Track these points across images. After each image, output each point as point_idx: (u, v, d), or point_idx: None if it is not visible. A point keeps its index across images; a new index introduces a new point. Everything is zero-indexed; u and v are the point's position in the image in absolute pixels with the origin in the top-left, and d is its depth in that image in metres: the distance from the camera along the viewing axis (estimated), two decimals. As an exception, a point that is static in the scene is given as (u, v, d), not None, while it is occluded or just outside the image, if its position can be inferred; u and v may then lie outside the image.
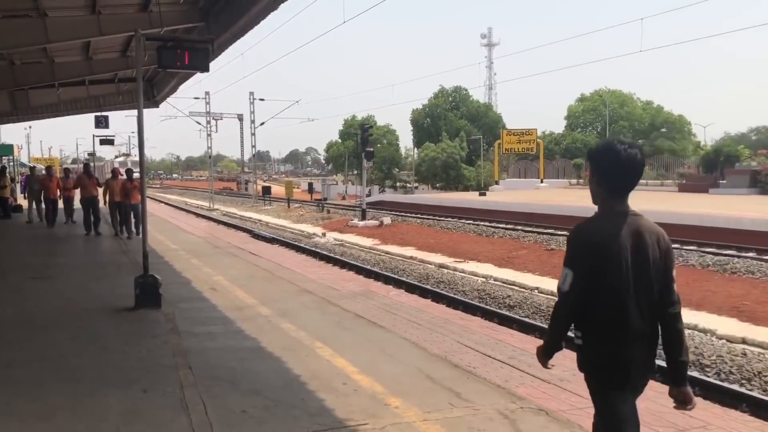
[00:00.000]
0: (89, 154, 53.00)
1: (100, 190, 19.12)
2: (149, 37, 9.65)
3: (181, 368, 6.11)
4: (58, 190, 21.32)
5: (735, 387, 7.64)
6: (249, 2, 14.99)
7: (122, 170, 20.77)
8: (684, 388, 3.04)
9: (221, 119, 54.02)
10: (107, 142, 38.45)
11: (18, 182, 34.87)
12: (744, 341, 9.62)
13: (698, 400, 6.17)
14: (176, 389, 5.52)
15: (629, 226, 2.94)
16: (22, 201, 28.69)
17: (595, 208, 3.00)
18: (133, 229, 17.77)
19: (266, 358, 6.50)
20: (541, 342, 3.33)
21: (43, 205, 21.87)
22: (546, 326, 10.25)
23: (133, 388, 5.56)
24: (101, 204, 19.10)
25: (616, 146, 2.98)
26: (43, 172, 26.61)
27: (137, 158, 51.88)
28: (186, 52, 8.95)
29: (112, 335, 7.49)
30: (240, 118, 54.40)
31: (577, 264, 2.90)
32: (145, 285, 8.83)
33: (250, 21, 15.95)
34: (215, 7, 17.11)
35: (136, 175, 17.94)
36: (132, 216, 17.69)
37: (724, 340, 9.72)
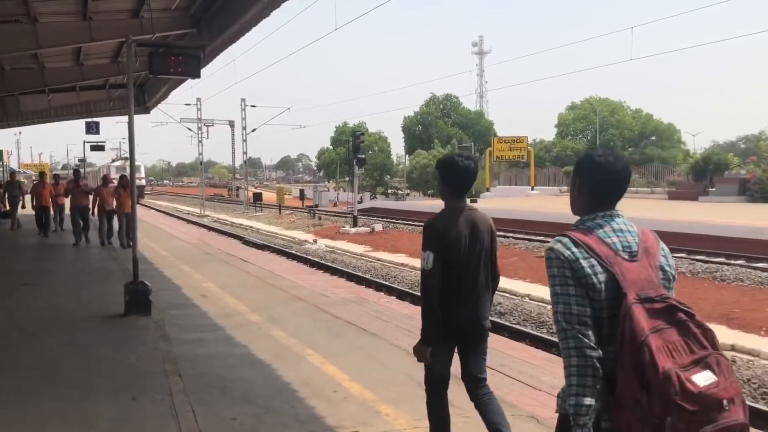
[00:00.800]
0: (80, 160, 52.84)
1: (91, 198, 18.07)
2: (140, 44, 9.66)
3: (171, 375, 6.08)
4: (50, 198, 20.67)
5: (724, 394, 7.67)
6: (240, 9, 15.00)
7: (113, 176, 20.76)
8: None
9: (213, 126, 53.95)
10: (98, 148, 38.38)
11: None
12: (734, 348, 9.66)
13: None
14: (166, 396, 5.50)
15: (465, 218, 3.84)
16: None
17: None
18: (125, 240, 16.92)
19: (256, 366, 6.48)
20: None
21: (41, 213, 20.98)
22: (537, 333, 10.30)
23: (123, 396, 5.53)
24: (92, 214, 18.05)
25: (454, 158, 3.91)
26: (34, 179, 26.47)
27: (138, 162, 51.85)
28: (177, 59, 8.95)
29: (101, 342, 7.45)
30: (231, 124, 54.32)
31: (434, 247, 3.72)
32: (135, 292, 8.80)
33: (241, 28, 15.95)
34: (207, 14, 17.11)
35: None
36: (125, 225, 16.78)
37: (714, 348, 9.76)
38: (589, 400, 2.22)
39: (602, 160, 2.45)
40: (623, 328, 2.18)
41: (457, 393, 4.15)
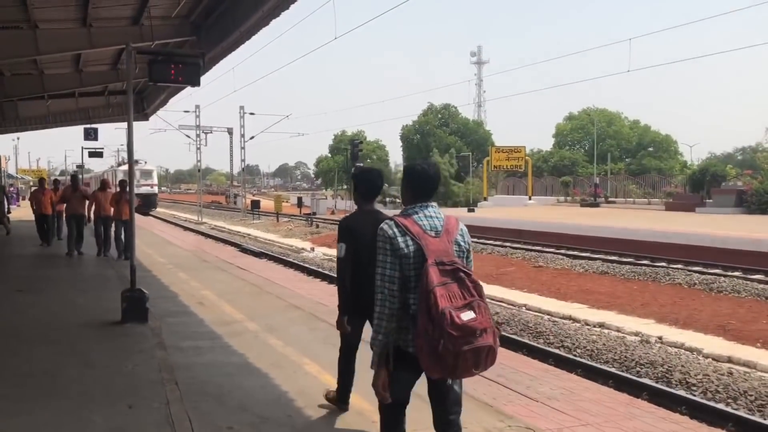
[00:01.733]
0: (78, 166, 52.76)
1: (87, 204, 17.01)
2: (140, 51, 9.69)
3: (167, 384, 6.06)
4: (50, 205, 19.48)
5: (721, 406, 7.66)
6: (240, 17, 15.05)
7: (108, 181, 19.26)
8: None
9: (211, 133, 54.04)
10: (96, 154, 38.35)
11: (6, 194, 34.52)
12: (730, 360, 9.66)
13: (685, 419, 6.20)
14: (162, 405, 5.48)
15: (371, 217, 4.79)
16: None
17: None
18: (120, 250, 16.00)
19: (253, 374, 6.47)
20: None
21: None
22: (534, 343, 10.29)
23: (119, 404, 5.51)
24: (88, 220, 16.96)
25: (368, 168, 4.81)
26: (32, 184, 26.18)
27: (144, 167, 50.71)
28: (177, 67, 8.98)
29: (97, 350, 7.43)
30: (230, 131, 54.37)
31: (345, 240, 4.80)
32: (132, 299, 8.78)
33: (241, 36, 16.00)
34: (207, 22, 17.15)
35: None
36: (123, 234, 15.78)
37: (711, 359, 9.76)
38: (381, 336, 3.39)
39: (419, 168, 3.62)
40: (422, 281, 3.23)
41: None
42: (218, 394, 5.77)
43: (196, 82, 9.51)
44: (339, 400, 5.34)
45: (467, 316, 3.16)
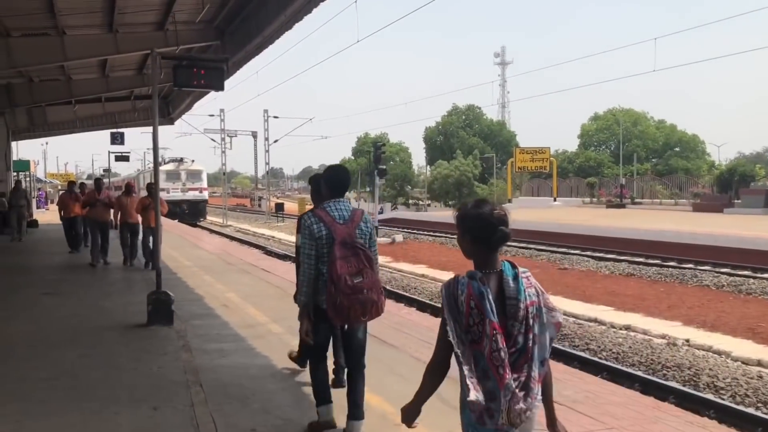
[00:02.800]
0: (105, 170, 53.37)
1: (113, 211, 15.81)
2: (165, 56, 9.78)
3: (192, 386, 6.11)
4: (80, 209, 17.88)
5: (750, 410, 7.54)
6: (263, 22, 15.15)
7: (134, 185, 17.79)
8: None
9: (236, 136, 54.38)
10: (123, 158, 38.77)
11: (35, 198, 35.01)
12: (760, 363, 9.49)
13: (713, 424, 6.10)
14: (187, 407, 5.52)
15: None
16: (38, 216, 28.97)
17: None
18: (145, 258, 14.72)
19: (277, 377, 6.49)
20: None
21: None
22: (559, 346, 10.18)
23: (144, 406, 5.56)
24: (114, 226, 15.84)
25: (324, 172, 5.01)
26: (60, 188, 25.54)
27: (192, 166, 47.99)
28: (201, 71, 9.04)
29: (123, 352, 7.51)
30: (254, 135, 54.74)
31: (306, 235, 4.78)
32: (157, 301, 8.86)
33: (264, 40, 16.11)
34: (230, 26, 17.29)
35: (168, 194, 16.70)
36: (151, 242, 14.16)
37: (740, 362, 9.60)
38: (303, 297, 4.71)
39: (333, 172, 4.85)
40: (330, 256, 4.44)
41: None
42: (242, 397, 5.79)
43: (220, 87, 9.58)
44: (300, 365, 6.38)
45: (357, 279, 4.37)
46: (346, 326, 4.80)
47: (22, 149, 68.40)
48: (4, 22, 15.64)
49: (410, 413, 3.04)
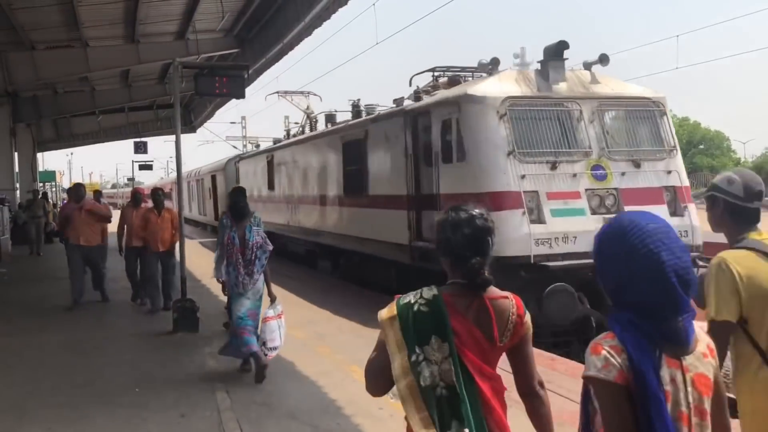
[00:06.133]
0: (129, 179, 53.91)
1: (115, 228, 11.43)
2: (186, 65, 9.88)
3: (218, 392, 6.14)
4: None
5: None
6: (283, 29, 15.25)
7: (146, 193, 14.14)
8: None
9: (257, 143, 54.56)
10: (146, 167, 39.15)
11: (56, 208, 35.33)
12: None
13: None
14: (214, 413, 5.56)
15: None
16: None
17: None
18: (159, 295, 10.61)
19: (302, 382, 6.51)
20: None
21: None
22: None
23: (171, 413, 5.61)
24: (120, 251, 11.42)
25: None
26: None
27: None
28: (222, 80, 9.11)
29: (151, 360, 7.58)
30: (276, 142, 54.83)
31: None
32: (183, 309, 8.93)
33: (284, 47, 16.21)
34: (250, 34, 17.44)
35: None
36: (161, 273, 10.58)
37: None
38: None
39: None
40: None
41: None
42: (268, 402, 5.82)
43: (241, 95, 9.64)
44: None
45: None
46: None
47: (47, 160, 69.14)
48: (30, 35, 15.93)
49: None
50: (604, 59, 9.44)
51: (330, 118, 16.16)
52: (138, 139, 31.20)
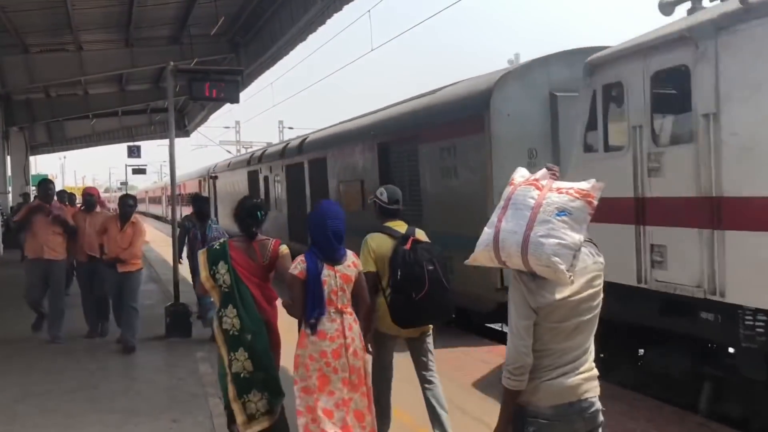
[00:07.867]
0: (122, 183, 53.75)
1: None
2: (180, 69, 9.85)
3: (210, 397, 6.10)
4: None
5: None
6: (277, 33, 15.26)
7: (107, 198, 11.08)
8: None
9: (251, 148, 54.54)
10: (140, 171, 39.03)
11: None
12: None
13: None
14: (206, 419, 5.53)
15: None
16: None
17: None
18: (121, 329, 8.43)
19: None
20: None
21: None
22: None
23: (163, 418, 5.58)
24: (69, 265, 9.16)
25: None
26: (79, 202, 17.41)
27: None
28: (216, 84, 9.09)
29: (142, 364, 7.55)
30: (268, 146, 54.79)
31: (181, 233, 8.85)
32: (175, 313, 8.88)
33: (278, 51, 16.22)
34: (245, 38, 17.44)
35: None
36: (119, 296, 8.35)
37: None
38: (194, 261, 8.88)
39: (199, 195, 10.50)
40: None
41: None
42: (261, 408, 5.77)
43: (235, 99, 9.61)
44: None
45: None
46: None
47: (40, 163, 68.77)
48: (24, 38, 15.87)
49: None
50: None
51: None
52: (131, 143, 31.13)
